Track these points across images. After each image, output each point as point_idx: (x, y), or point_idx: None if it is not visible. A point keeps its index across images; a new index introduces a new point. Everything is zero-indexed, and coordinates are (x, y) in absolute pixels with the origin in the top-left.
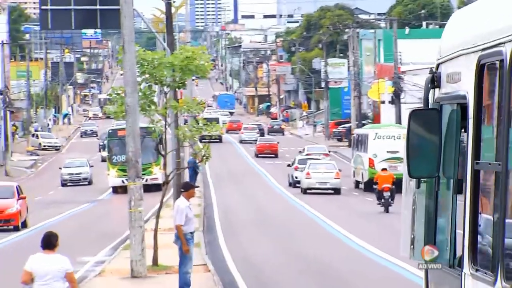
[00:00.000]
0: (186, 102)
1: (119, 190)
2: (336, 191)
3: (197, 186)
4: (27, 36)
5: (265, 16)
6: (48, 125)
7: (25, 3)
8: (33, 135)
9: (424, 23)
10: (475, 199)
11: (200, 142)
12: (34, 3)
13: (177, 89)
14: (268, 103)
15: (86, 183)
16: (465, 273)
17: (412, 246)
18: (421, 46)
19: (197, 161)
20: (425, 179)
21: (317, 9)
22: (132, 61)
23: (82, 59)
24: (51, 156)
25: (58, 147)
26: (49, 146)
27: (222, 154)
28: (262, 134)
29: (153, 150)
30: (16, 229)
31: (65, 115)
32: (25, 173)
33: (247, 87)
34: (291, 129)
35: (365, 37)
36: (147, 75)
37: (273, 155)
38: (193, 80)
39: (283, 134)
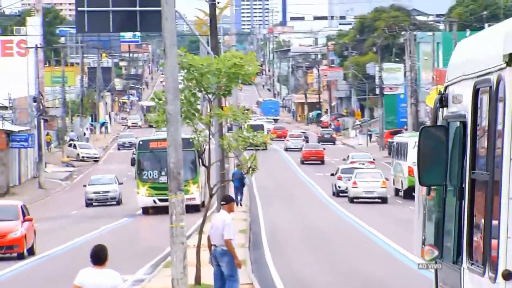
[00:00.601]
0: (231, 110)
1: (150, 211)
2: (383, 200)
3: (238, 202)
4: (62, 39)
5: (316, 18)
6: (84, 134)
7: (60, 4)
8: (69, 145)
9: (486, 25)
10: (471, 204)
11: (245, 150)
12: (70, 4)
13: (222, 97)
14: (319, 111)
15: (114, 202)
16: (463, 267)
17: (423, 246)
18: None
19: (243, 173)
20: (434, 187)
21: (371, 10)
22: (174, 66)
23: (121, 64)
24: (87, 168)
25: (97, 158)
26: (87, 157)
27: (267, 162)
28: (307, 142)
29: (190, 164)
30: (21, 257)
31: (103, 124)
32: (60, 185)
33: (296, 94)
34: (343, 138)
35: (422, 40)
36: (193, 82)
37: (319, 162)
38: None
39: (334, 144)
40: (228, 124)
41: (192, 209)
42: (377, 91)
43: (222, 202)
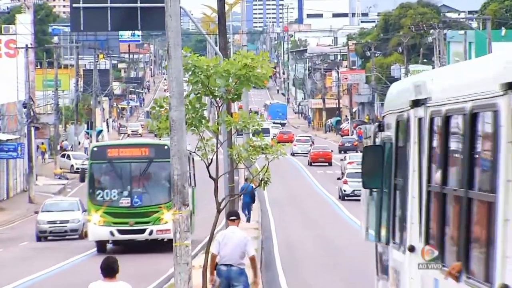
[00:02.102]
0: (242, 117)
1: (109, 247)
2: None
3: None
4: (55, 39)
5: (335, 15)
6: (79, 143)
7: (54, 0)
8: (63, 155)
9: None
10: (394, 202)
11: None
12: (64, 0)
13: (231, 102)
14: (338, 118)
15: (76, 236)
16: (390, 246)
17: (366, 232)
18: None
19: (254, 186)
20: (373, 190)
21: (396, 6)
22: (179, 68)
23: (120, 66)
24: None
25: None
26: (82, 168)
27: (276, 168)
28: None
29: (164, 182)
30: None
31: (99, 132)
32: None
33: (313, 99)
34: None
35: (453, 39)
36: (199, 85)
37: (326, 164)
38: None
39: (357, 152)
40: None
41: (167, 246)
42: None
43: (233, 218)
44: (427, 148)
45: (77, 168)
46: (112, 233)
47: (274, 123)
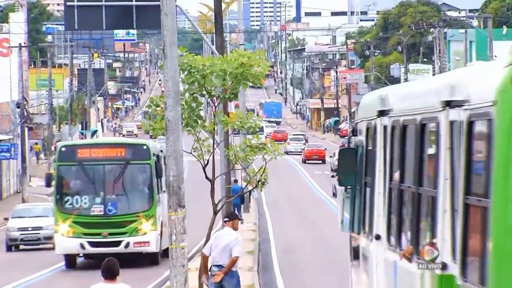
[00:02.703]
0: (238, 117)
1: (80, 261)
2: None
3: (241, 219)
4: (49, 38)
5: (334, 13)
6: None
7: None
8: None
9: None
10: (364, 198)
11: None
12: None
13: (228, 101)
14: (337, 118)
15: (50, 245)
16: (360, 235)
17: (341, 224)
18: None
19: (251, 188)
20: (348, 187)
21: (396, 4)
22: (175, 67)
23: (114, 65)
24: None
25: None
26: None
27: (273, 168)
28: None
29: (141, 187)
30: None
31: (94, 132)
32: (46, 201)
33: (311, 99)
34: None
35: (453, 38)
36: (195, 85)
37: (320, 161)
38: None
39: None
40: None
41: (145, 259)
42: None
43: (226, 219)
44: (389, 151)
45: None
46: (82, 246)
47: (269, 121)
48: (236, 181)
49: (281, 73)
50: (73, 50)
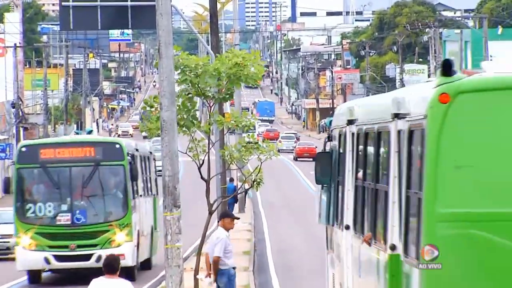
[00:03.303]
0: (233, 117)
1: (44, 277)
2: None
3: (238, 218)
4: (44, 38)
5: (329, 13)
6: None
7: None
8: None
9: None
10: (337, 193)
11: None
12: None
13: (222, 101)
14: (332, 118)
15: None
16: (334, 226)
17: (319, 217)
18: None
19: (247, 187)
20: (324, 185)
21: (391, 4)
22: (170, 67)
23: (110, 65)
24: None
25: None
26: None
27: (267, 167)
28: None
29: (113, 191)
30: None
31: (89, 132)
32: None
33: (307, 99)
34: None
35: (449, 38)
36: (188, 85)
37: (311, 159)
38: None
39: None
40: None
41: (120, 273)
42: None
43: (218, 220)
44: (355, 154)
45: None
46: (47, 260)
47: (262, 120)
48: (232, 179)
49: (276, 73)
50: (68, 50)
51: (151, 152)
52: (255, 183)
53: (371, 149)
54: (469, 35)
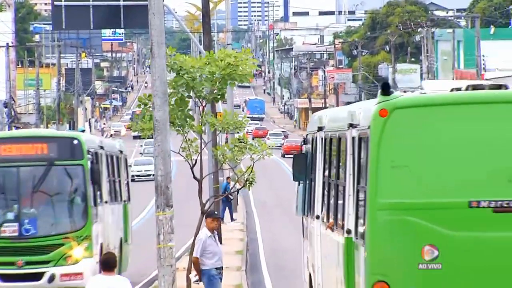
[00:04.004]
0: (225, 117)
1: None
2: None
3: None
4: (36, 37)
5: (321, 13)
6: None
7: None
8: None
9: None
10: (310, 189)
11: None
12: None
13: (216, 102)
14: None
15: None
16: (308, 216)
17: (296, 209)
18: (509, 49)
19: (239, 187)
20: (300, 182)
21: (383, 4)
22: (163, 67)
23: (102, 64)
24: None
25: None
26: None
27: (259, 167)
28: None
29: (70, 197)
30: None
31: (81, 132)
32: None
33: (299, 98)
34: None
35: (441, 38)
36: (183, 87)
37: None
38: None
39: None
40: (226, 136)
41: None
42: None
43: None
44: (323, 156)
45: None
46: None
47: (252, 118)
48: (228, 178)
49: (269, 72)
50: (61, 50)
51: (121, 151)
52: (247, 182)
53: (333, 152)
54: (461, 35)
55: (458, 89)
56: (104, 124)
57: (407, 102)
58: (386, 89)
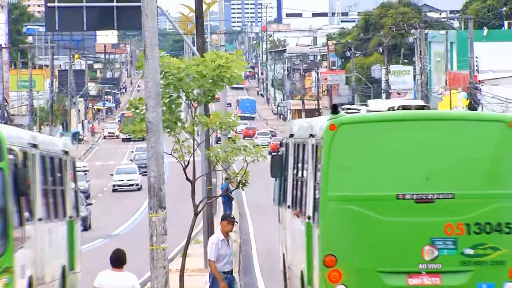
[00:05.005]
0: (218, 117)
1: None
2: None
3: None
4: (30, 39)
5: (315, 14)
6: None
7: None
8: None
9: (505, 23)
10: (285, 184)
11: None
12: None
13: (206, 103)
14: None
15: None
16: (282, 206)
17: (273, 200)
18: (502, 50)
19: (230, 187)
20: (276, 177)
21: (377, 5)
22: (156, 68)
23: (95, 66)
24: None
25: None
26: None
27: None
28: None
29: None
30: None
31: (75, 134)
32: None
33: (293, 100)
34: None
35: (434, 39)
36: (171, 88)
37: None
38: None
39: None
40: (216, 134)
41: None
42: (384, 97)
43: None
44: (294, 158)
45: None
46: None
47: (243, 117)
48: (227, 179)
49: (262, 74)
50: (54, 51)
51: (66, 152)
52: (240, 184)
53: (300, 155)
54: (454, 36)
55: (393, 108)
56: (92, 125)
57: (350, 119)
58: (335, 110)
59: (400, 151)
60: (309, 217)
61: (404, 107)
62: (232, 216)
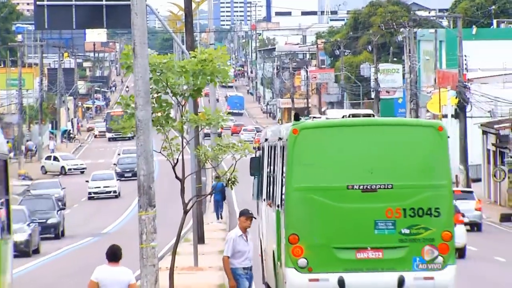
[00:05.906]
0: (206, 114)
1: None
2: None
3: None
4: (19, 37)
5: (304, 13)
6: (49, 145)
7: None
8: (48, 157)
9: (494, 22)
10: (262, 181)
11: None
12: None
13: (197, 99)
14: (307, 117)
15: None
16: (259, 200)
17: (252, 195)
18: (491, 49)
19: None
20: (256, 176)
21: (366, 4)
22: (145, 67)
23: (85, 64)
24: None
25: (83, 170)
26: (74, 169)
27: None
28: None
29: None
30: None
31: (64, 132)
32: (16, 201)
33: (282, 98)
34: None
35: (423, 38)
36: (158, 84)
37: None
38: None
39: None
40: (203, 130)
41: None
42: (373, 95)
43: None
44: (268, 158)
45: (69, 169)
46: None
47: (232, 113)
48: (218, 177)
49: (251, 72)
50: (43, 50)
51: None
52: (229, 181)
53: (272, 156)
54: (443, 35)
55: (345, 116)
56: (80, 124)
57: (310, 125)
58: (297, 118)
59: (350, 150)
60: (278, 206)
61: (354, 115)
62: (250, 212)
